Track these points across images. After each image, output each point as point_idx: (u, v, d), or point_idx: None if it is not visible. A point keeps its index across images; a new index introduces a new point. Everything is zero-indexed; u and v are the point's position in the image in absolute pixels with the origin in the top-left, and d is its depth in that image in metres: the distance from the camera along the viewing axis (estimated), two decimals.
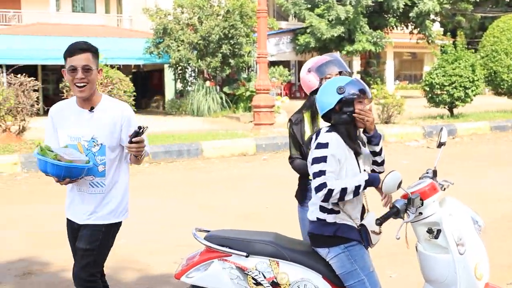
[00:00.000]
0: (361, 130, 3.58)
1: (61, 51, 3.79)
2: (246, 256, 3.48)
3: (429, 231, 3.51)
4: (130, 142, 3.54)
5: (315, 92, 4.02)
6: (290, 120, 4.27)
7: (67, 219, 3.95)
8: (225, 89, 24.99)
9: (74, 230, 3.90)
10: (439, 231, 3.48)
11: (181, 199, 9.37)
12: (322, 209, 3.46)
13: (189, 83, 25.79)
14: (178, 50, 23.78)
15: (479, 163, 12.20)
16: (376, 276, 3.51)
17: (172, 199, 9.39)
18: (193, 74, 25.91)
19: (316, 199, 3.47)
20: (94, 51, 3.69)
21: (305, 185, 4.14)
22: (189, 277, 3.57)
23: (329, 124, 3.55)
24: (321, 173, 3.36)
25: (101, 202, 3.81)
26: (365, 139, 3.62)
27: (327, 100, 3.50)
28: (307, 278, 3.46)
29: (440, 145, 3.95)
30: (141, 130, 3.50)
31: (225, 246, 3.52)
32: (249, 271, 3.47)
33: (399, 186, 3.34)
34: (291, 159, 4.23)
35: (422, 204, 3.45)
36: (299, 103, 5.22)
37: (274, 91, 25.60)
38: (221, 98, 24.17)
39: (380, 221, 3.38)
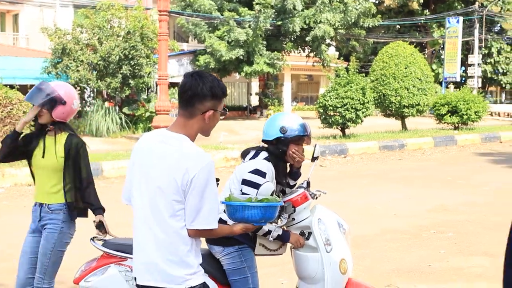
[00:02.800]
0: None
1: None
2: None
3: (302, 233, 4.03)
4: None
5: None
6: None
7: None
8: (125, 109, 24.99)
9: None
10: (310, 233, 4.01)
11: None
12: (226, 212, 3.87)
13: (88, 104, 25.60)
14: (78, 71, 23.56)
15: (368, 180, 13.01)
16: (257, 276, 3.97)
17: None
18: (92, 95, 25.76)
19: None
20: None
21: None
22: (87, 281, 3.87)
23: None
24: None
25: None
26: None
27: (269, 131, 4.03)
28: None
29: (314, 159, 4.48)
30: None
31: (121, 251, 3.82)
32: None
33: (272, 195, 3.79)
34: None
35: (294, 211, 3.96)
36: None
37: (174, 112, 25.85)
38: (121, 118, 24.13)
39: (255, 229, 3.75)
